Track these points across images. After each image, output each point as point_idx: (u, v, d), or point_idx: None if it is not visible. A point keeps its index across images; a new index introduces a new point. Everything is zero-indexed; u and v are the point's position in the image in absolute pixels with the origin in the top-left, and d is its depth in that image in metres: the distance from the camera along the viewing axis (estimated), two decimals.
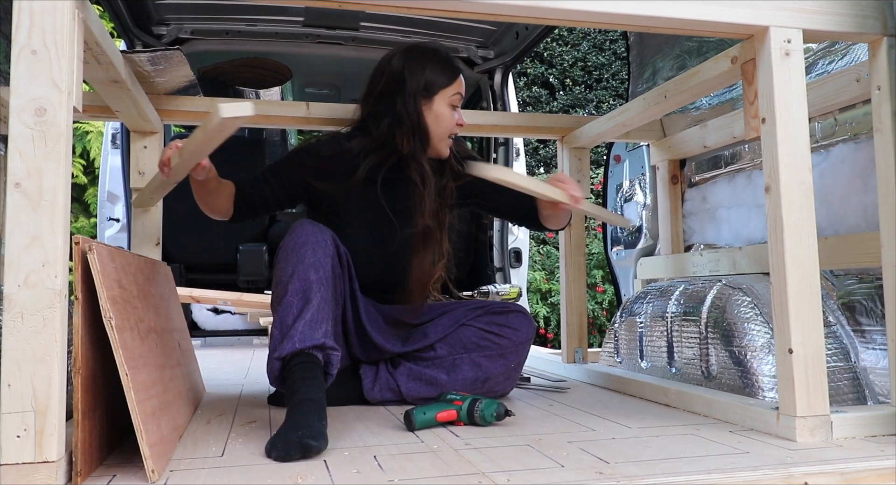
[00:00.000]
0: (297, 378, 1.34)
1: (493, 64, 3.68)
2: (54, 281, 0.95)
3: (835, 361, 1.60)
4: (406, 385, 1.64)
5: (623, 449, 1.20)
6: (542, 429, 1.38)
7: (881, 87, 1.38)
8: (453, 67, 1.73)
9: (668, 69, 2.42)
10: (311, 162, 1.71)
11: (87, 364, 1.03)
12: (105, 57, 1.25)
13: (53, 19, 0.98)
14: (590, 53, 9.82)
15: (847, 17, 1.36)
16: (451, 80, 1.70)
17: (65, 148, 0.97)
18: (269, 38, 3.44)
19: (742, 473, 1.05)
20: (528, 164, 9.25)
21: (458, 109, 1.73)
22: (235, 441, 1.28)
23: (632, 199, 2.60)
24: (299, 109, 2.01)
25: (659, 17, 1.31)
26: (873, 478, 1.10)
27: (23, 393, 0.93)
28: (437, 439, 1.29)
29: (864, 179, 1.62)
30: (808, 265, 1.29)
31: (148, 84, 1.73)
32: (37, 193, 0.96)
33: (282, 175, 1.71)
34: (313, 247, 1.47)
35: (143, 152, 1.85)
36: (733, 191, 2.14)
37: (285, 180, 1.71)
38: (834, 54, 1.73)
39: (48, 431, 0.94)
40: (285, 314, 1.41)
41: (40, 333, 0.94)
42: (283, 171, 1.72)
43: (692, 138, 2.17)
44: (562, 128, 2.24)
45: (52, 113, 0.97)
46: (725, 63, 1.46)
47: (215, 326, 3.68)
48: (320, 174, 1.70)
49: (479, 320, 1.70)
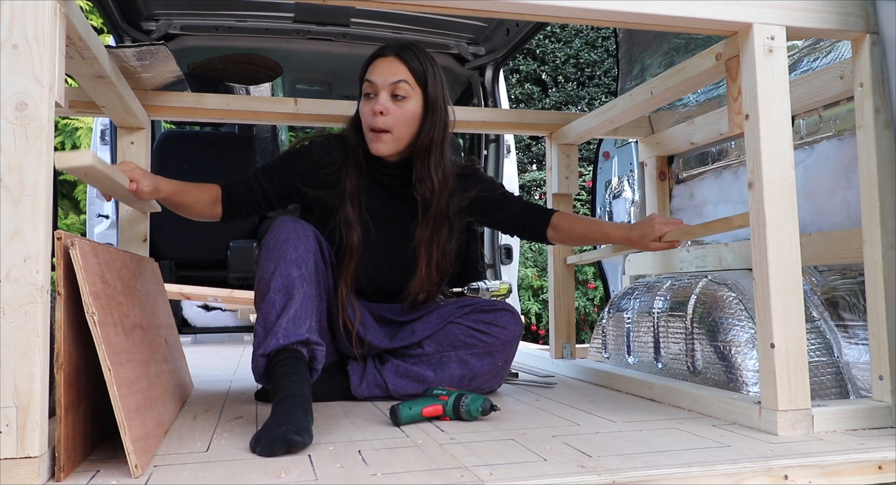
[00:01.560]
0: (281, 374, 1.34)
1: (484, 61, 3.68)
2: (36, 276, 0.95)
3: (818, 356, 1.62)
4: (393, 382, 1.65)
5: (606, 443, 1.21)
6: (526, 424, 1.39)
7: (864, 84, 1.39)
8: (369, 57, 1.64)
9: (656, 66, 2.43)
10: (304, 168, 1.67)
11: (70, 359, 1.03)
12: (89, 52, 1.24)
13: (35, 13, 0.97)
14: (582, 50, 9.83)
15: (830, 14, 1.37)
16: (363, 71, 1.63)
17: (46, 143, 0.97)
18: (259, 34, 3.43)
19: (722, 466, 1.06)
20: (521, 160, 9.27)
21: (378, 96, 1.59)
22: (221, 437, 1.28)
23: (620, 195, 2.61)
24: (287, 105, 2.01)
25: (644, 13, 1.31)
26: (853, 471, 1.12)
27: (4, 389, 0.93)
28: (422, 433, 1.30)
29: (848, 176, 1.63)
30: (790, 261, 1.30)
31: (134, 80, 1.73)
32: (18, 189, 0.95)
33: (273, 179, 1.68)
34: (294, 243, 1.46)
35: (129, 148, 1.84)
36: (720, 187, 2.15)
37: (277, 184, 1.68)
38: (818, 51, 1.74)
39: (30, 426, 0.94)
40: (268, 311, 1.41)
41: (22, 329, 0.94)
42: (275, 174, 1.68)
43: (680, 135, 2.18)
44: (550, 124, 2.25)
45: (34, 108, 0.97)
46: (710, 60, 1.47)
47: (206, 323, 3.68)
48: (312, 181, 1.67)
49: (466, 318, 1.70)
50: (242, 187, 1.67)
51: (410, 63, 1.60)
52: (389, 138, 1.60)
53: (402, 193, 1.69)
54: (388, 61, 1.60)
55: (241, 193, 1.67)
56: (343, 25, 3.40)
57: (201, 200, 1.61)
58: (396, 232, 1.70)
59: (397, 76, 1.58)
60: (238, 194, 1.66)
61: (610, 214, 2.68)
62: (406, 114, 1.60)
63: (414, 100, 1.61)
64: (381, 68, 1.60)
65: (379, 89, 1.59)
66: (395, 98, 1.59)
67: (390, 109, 1.58)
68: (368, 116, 1.60)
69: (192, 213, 1.62)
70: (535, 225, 1.80)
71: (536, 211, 1.81)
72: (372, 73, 1.61)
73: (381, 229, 1.68)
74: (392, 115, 1.59)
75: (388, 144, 1.60)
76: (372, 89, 1.60)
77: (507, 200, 1.80)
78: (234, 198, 1.66)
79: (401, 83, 1.58)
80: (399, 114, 1.59)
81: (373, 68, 1.61)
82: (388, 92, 1.59)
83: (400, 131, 1.60)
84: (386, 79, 1.58)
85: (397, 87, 1.58)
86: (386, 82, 1.58)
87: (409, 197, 1.68)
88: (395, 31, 3.46)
